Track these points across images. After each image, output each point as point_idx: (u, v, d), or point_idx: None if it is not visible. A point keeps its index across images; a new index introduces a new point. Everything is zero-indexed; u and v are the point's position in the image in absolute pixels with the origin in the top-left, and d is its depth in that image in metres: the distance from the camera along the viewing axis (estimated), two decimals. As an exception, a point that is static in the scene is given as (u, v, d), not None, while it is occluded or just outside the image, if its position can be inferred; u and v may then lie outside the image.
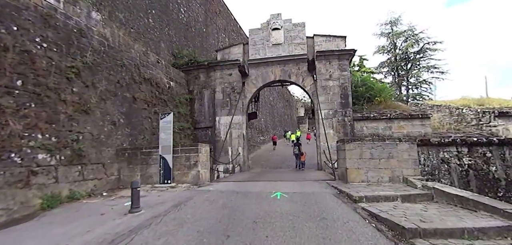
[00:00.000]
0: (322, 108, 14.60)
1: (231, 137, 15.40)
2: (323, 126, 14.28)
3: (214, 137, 15.57)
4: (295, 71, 15.39)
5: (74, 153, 7.87)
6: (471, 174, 14.22)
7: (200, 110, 16.22)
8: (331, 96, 14.72)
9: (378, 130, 14.62)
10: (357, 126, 14.71)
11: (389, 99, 17.15)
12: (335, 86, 14.75)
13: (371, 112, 15.23)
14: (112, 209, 6.00)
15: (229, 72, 15.93)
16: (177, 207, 5.70)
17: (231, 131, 15.42)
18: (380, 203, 6.28)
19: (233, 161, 15.08)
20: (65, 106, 7.95)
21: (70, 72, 8.30)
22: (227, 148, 15.32)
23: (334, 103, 14.65)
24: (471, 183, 14.10)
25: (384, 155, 8.14)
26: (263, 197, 6.57)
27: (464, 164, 14.13)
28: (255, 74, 15.81)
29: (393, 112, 14.77)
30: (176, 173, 9.03)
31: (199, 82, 16.44)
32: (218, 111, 15.75)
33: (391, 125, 14.54)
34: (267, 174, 13.32)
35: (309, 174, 13.06)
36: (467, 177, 14.16)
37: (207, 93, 16.25)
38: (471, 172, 14.23)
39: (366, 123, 14.73)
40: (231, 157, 15.22)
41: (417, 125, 14.43)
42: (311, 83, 15.18)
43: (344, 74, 14.80)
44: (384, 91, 16.62)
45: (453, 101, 18.70)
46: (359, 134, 14.69)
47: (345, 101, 14.62)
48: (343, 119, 14.53)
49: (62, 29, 8.40)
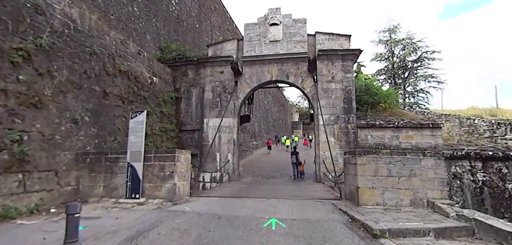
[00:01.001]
0: (323, 113, 13.10)
1: (220, 142, 13.77)
2: (324, 133, 12.77)
3: (201, 141, 13.92)
4: (294, 71, 13.87)
5: (13, 157, 6.15)
6: (485, 191, 12.84)
7: (186, 110, 14.57)
8: (333, 100, 13.23)
9: (384, 140, 13.18)
10: (361, 134, 13.24)
11: (395, 106, 15.76)
12: (338, 89, 13.27)
13: (376, 119, 13.79)
14: (44, 240, 4.32)
15: (221, 69, 14.33)
16: (131, 243, 4.06)
17: (220, 135, 13.80)
18: (408, 240, 4.74)
19: (221, 169, 13.45)
20: (5, 97, 6.25)
21: (16, 55, 6.60)
22: (215, 154, 13.69)
23: (336, 107, 13.16)
24: (485, 202, 12.72)
25: (404, 172, 6.62)
26: (253, 226, 4.95)
27: (478, 180, 12.74)
28: (250, 73, 14.24)
29: (400, 120, 13.35)
30: (147, 185, 7.35)
31: (187, 79, 14.80)
32: (207, 112, 14.12)
33: (399, 134, 13.11)
34: (259, 187, 11.71)
35: (308, 187, 11.49)
36: (481, 195, 12.77)
37: (196, 92, 14.62)
38: (486, 190, 12.86)
39: (371, 131, 13.27)
40: (219, 164, 13.58)
41: (427, 135, 13.02)
42: (311, 85, 13.68)
43: (347, 76, 13.33)
44: (390, 97, 15.21)
45: (462, 110, 17.43)
46: (363, 144, 13.22)
47: (348, 106, 13.14)
48: (346, 126, 13.04)
49: (10, 2, 6.73)
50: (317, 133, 13.44)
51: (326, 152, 12.84)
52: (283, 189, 11.10)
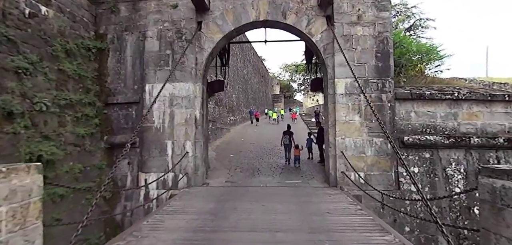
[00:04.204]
0: (340, 76, 8.02)
1: (173, 123, 8.36)
2: (345, 108, 7.80)
3: (142, 122, 8.45)
4: (295, 7, 8.45)
5: None
6: None
7: (117, 70, 8.89)
8: (359, 54, 8.11)
9: (435, 119, 8.40)
10: (400, 110, 8.36)
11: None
12: (367, 36, 8.13)
13: (418, 87, 8.94)
14: None
15: (174, 1, 8.63)
16: None
17: (172, 110, 8.37)
18: None
19: (175, 167, 8.15)
20: None
21: None
22: (165, 142, 8.31)
23: (363, 67, 8.08)
24: None
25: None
26: None
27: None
28: (222, 8, 8.64)
29: (459, 91, 8.57)
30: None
31: (118, 18, 8.98)
32: (151, 74, 8.53)
33: (457, 111, 8.37)
34: (237, 203, 6.55)
35: (322, 200, 6.43)
36: None
37: (132, 41, 8.90)
38: None
39: (416, 106, 8.41)
40: (171, 159, 8.25)
41: (499, 113, 8.37)
42: (322, 30, 8.41)
43: (383, 16, 8.17)
44: (431, 53, 10.29)
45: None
46: (404, 125, 8.38)
47: (383, 65, 8.11)
48: (379, 96, 8.06)
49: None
50: (330, 108, 8.37)
51: (347, 138, 7.90)
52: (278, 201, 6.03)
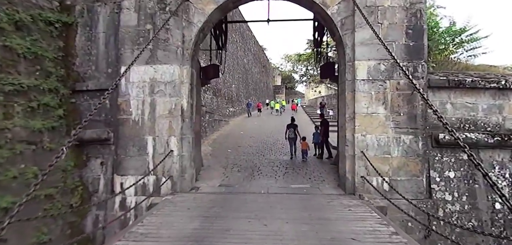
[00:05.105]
0: (362, 57, 6.44)
1: (154, 114, 6.80)
2: (366, 97, 6.26)
3: (117, 114, 6.91)
4: (304, -30, 6.86)
5: None
6: None
7: (87, 50, 7.30)
8: (385, 30, 6.49)
9: (476, 113, 6.83)
10: (434, 100, 6.77)
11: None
12: (397, 8, 6.49)
13: (454, 74, 7.36)
14: None
15: (155, -35, 6.98)
16: None
17: (154, 99, 6.81)
18: None
19: (157, 169, 6.63)
20: None
21: None
22: (145, 138, 6.77)
23: (391, 46, 6.46)
24: None
25: None
26: None
27: None
28: (214, -27, 7.04)
29: (508, 78, 6.98)
30: None
31: (89, -13, 7.38)
32: (127, 55, 6.90)
33: (503, 103, 6.80)
34: (229, 218, 5.01)
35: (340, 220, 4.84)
36: None
37: (105, 13, 7.28)
38: None
39: (453, 96, 6.83)
40: (152, 159, 6.73)
41: (555, 105, 6.82)
42: (340, 0, 6.80)
43: (415, -17, 6.56)
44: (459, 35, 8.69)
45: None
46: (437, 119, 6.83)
47: (415, 44, 6.51)
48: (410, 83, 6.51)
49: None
50: (348, 98, 6.78)
51: (368, 135, 6.36)
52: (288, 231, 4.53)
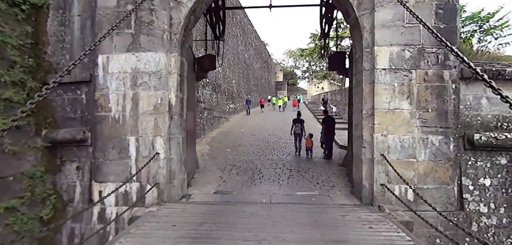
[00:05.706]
0: (383, 42, 5.43)
1: (138, 111, 5.81)
2: (389, 90, 5.25)
3: (94, 110, 5.93)
4: None
5: None
6: None
7: (60, 37, 6.29)
8: (411, 9, 5.49)
9: (516, 108, 5.81)
10: (467, 94, 5.75)
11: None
12: (424, -17, 5.48)
13: (489, 64, 6.33)
14: None
15: None
16: None
17: (137, 94, 5.80)
18: None
19: (140, 174, 5.65)
20: None
21: None
22: (126, 139, 5.78)
23: (417, 29, 5.45)
24: None
25: None
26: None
27: None
28: None
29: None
30: None
31: (63, -37, 6.38)
32: (105, 41, 5.85)
33: (548, 95, 5.77)
34: (223, 238, 4.04)
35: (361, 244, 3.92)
36: None
37: (81, -7, 6.31)
38: None
39: (489, 89, 5.83)
40: (135, 162, 5.74)
41: None
42: (355, -26, 5.77)
43: (446, -48, 5.51)
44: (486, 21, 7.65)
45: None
46: (472, 116, 5.80)
47: (447, 27, 5.45)
48: (439, 73, 5.45)
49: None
50: (365, 90, 5.75)
51: (390, 134, 5.35)
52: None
